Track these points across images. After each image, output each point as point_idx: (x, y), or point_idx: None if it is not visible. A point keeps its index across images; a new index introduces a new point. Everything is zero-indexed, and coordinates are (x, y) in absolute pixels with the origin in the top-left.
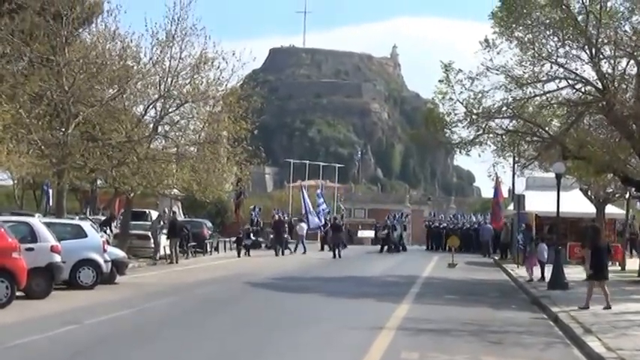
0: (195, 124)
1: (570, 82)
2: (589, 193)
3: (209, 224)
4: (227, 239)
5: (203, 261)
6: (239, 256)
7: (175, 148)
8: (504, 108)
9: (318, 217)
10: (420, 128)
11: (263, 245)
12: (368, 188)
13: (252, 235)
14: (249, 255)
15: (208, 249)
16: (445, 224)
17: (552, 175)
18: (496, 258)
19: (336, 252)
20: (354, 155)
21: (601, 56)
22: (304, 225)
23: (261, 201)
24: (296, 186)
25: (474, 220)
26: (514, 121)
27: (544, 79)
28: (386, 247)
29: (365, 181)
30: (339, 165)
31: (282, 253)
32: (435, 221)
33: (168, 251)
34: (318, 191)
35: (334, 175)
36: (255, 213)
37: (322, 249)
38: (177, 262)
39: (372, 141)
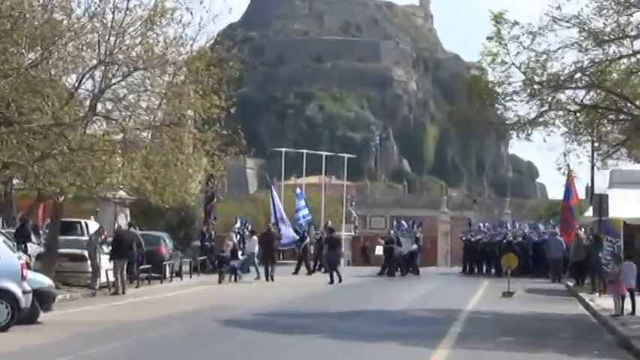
0: (148, 100)
1: None
2: None
3: (169, 239)
4: (194, 259)
5: (160, 290)
6: (220, 281)
7: (121, 134)
8: (578, 74)
9: (298, 228)
10: (461, 103)
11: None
12: (389, 187)
13: (241, 253)
14: (236, 280)
15: (168, 273)
16: (480, 237)
17: None
18: (570, 284)
19: (334, 275)
20: (371, 142)
21: None
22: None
23: (241, 206)
24: (290, 185)
25: (528, 229)
26: (592, 93)
27: (633, 33)
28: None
29: (386, 177)
30: (350, 155)
31: (272, 278)
32: (471, 232)
33: (111, 277)
34: (298, 190)
35: (342, 170)
36: (211, 221)
37: (297, 271)
38: (124, 293)
39: (395, 121)
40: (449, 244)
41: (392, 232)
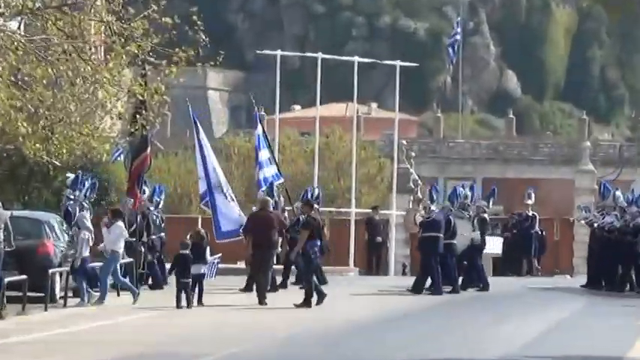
0: None
1: None
2: None
3: (61, 227)
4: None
5: (47, 324)
6: (179, 305)
7: None
8: None
9: (272, 191)
10: None
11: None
12: (481, 123)
13: (208, 253)
14: (200, 303)
15: (59, 291)
16: (611, 220)
17: None
18: None
19: (314, 290)
20: (446, 37)
21: None
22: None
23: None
24: (289, 120)
25: None
26: None
27: None
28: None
29: (474, 104)
30: (405, 64)
31: (262, 298)
32: (603, 210)
33: None
34: (258, 130)
35: (392, 92)
36: (141, 190)
37: (249, 287)
38: None
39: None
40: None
41: (433, 207)
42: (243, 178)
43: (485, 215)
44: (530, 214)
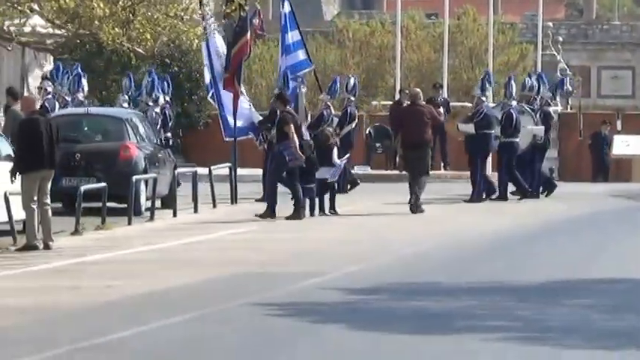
0: None
1: None
2: None
3: (145, 127)
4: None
5: (132, 241)
6: (315, 212)
7: None
8: None
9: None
10: None
11: None
12: None
13: (335, 154)
14: (324, 212)
15: (143, 202)
16: None
17: None
18: None
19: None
20: None
21: None
22: None
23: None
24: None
25: None
26: None
27: None
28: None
29: None
30: None
31: (416, 207)
32: None
33: (21, 214)
34: (285, 7)
35: None
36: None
37: (269, 202)
38: (47, 247)
39: None
40: None
41: (481, 95)
42: (360, 69)
43: (551, 109)
44: (556, 107)
